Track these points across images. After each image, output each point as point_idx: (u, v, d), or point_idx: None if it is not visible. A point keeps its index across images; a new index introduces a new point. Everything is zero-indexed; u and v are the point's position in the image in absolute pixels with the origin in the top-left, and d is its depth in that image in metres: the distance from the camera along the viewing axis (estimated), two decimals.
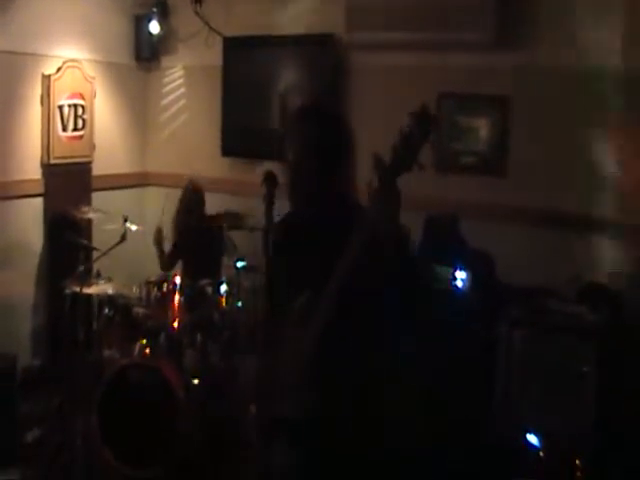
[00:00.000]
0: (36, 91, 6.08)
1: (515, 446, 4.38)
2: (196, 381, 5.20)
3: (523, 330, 4.67)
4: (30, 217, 6.09)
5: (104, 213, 5.60)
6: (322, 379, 2.69)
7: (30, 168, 6.08)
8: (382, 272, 2.57)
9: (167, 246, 5.97)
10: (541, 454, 4.30)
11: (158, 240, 5.85)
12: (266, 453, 2.93)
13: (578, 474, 4.12)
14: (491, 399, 4.65)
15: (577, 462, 4.15)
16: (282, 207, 3.47)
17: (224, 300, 5.45)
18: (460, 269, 4.84)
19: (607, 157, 5.06)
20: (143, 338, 5.22)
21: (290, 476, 2.86)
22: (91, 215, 5.68)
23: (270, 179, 3.28)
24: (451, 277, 4.84)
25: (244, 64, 6.52)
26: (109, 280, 5.38)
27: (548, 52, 5.31)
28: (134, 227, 5.43)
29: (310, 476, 2.82)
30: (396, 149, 2.49)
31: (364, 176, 2.71)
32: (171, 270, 5.88)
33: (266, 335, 3.14)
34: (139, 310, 5.36)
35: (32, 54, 6.02)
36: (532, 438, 4.38)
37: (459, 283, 4.83)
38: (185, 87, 7.03)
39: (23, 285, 6.09)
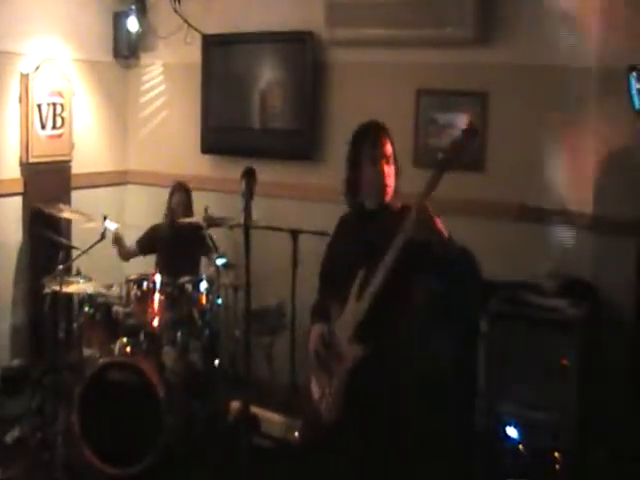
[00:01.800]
0: (14, 90, 6.05)
1: (495, 439, 4.40)
2: (177, 379, 5.19)
3: (504, 324, 4.69)
4: (9, 216, 6.06)
5: (82, 214, 5.57)
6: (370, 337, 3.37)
7: (9, 167, 6.04)
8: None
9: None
10: (520, 447, 4.33)
11: (116, 241, 5.85)
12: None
13: (557, 467, 4.14)
14: (472, 393, 4.66)
15: (556, 455, 4.17)
16: (260, 203, 3.49)
17: (204, 298, 5.45)
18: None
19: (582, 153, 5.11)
20: (123, 336, 5.20)
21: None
22: (70, 214, 5.66)
23: (249, 175, 3.32)
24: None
25: (223, 61, 6.51)
26: (89, 279, 5.38)
27: (527, 50, 5.33)
28: (113, 225, 5.41)
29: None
30: (447, 151, 3.35)
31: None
32: (128, 261, 6.04)
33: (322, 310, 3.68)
34: (119, 309, 5.34)
35: (10, 52, 5.98)
36: (512, 431, 4.40)
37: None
38: (164, 84, 6.99)
39: (3, 284, 6.06)
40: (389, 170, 3.52)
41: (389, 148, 3.53)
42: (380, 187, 3.51)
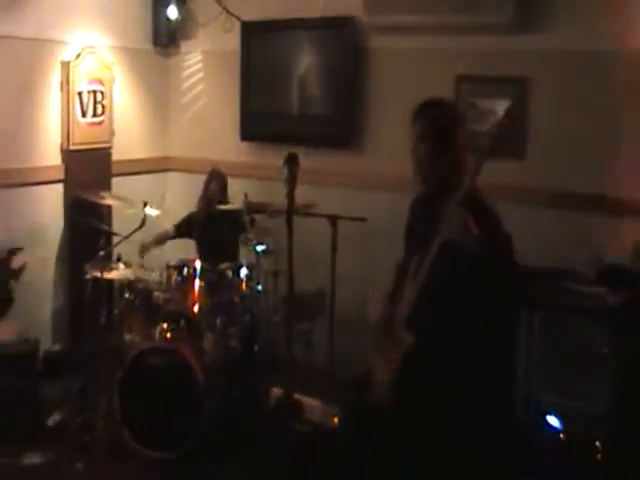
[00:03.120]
0: (55, 78, 6.10)
1: (536, 428, 4.37)
2: (216, 364, 5.21)
3: (543, 312, 4.65)
4: (50, 203, 6.13)
5: (123, 201, 5.61)
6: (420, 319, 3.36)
7: (50, 154, 6.11)
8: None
9: None
10: (561, 436, 4.29)
11: (141, 254, 5.92)
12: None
13: (597, 456, 4.10)
14: (512, 381, 4.63)
15: (596, 444, 4.13)
16: (300, 190, 3.49)
17: (244, 284, 5.46)
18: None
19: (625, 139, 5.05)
20: (163, 322, 5.24)
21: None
22: (110, 201, 5.70)
23: (292, 161, 3.32)
24: None
25: (262, 48, 6.50)
26: (129, 265, 5.41)
27: (566, 34, 5.26)
28: (154, 212, 5.44)
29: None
30: (493, 137, 3.34)
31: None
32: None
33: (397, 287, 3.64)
34: (159, 294, 5.38)
35: (51, 41, 6.03)
36: (552, 420, 4.36)
37: None
38: (204, 72, 7.02)
39: (44, 270, 6.13)
40: (426, 150, 3.40)
41: (428, 126, 3.40)
42: (419, 169, 3.44)
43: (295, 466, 4.41)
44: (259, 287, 5.61)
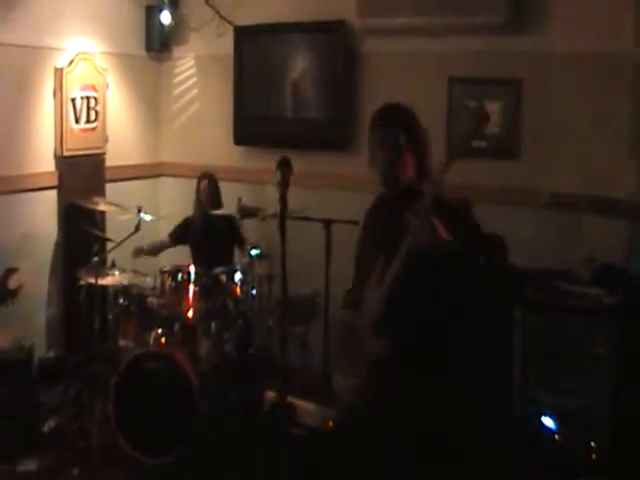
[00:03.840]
0: (49, 84, 6.09)
1: (531, 429, 4.36)
2: (211, 369, 5.21)
3: (538, 312, 4.64)
4: (44, 209, 6.12)
5: (116, 206, 5.61)
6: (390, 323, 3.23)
7: (44, 160, 6.10)
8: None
9: None
10: (557, 437, 4.29)
11: (135, 256, 5.92)
12: None
13: (593, 456, 4.10)
14: (507, 382, 4.62)
15: (592, 445, 4.13)
16: (294, 193, 3.48)
17: (238, 288, 5.46)
18: None
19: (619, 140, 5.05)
20: (158, 327, 5.26)
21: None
22: (104, 207, 5.70)
23: (284, 165, 3.32)
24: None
25: (255, 52, 6.52)
26: (123, 270, 5.41)
27: (559, 35, 5.27)
28: (148, 217, 5.44)
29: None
30: (457, 140, 3.25)
31: None
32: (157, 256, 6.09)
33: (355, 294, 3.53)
34: (154, 300, 5.40)
35: (44, 47, 6.03)
36: (548, 421, 4.36)
37: None
38: (197, 77, 7.02)
39: (38, 276, 6.11)
40: (386, 156, 3.31)
41: (394, 134, 3.30)
42: (386, 173, 3.33)
43: (290, 469, 4.40)
44: (253, 291, 5.61)
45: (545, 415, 4.37)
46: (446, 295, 3.28)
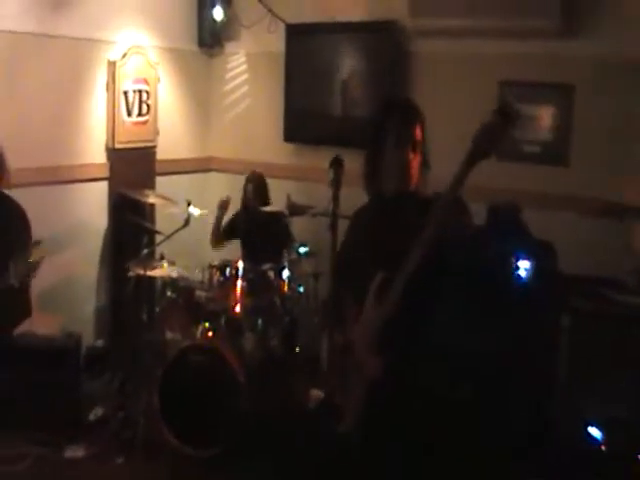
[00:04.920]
0: (101, 77, 6.18)
1: (577, 439, 4.33)
2: (256, 364, 5.25)
3: (586, 320, 4.62)
4: (95, 200, 6.21)
5: (166, 199, 5.66)
6: (393, 348, 2.95)
7: (95, 152, 6.18)
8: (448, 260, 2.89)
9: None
10: (603, 448, 4.26)
11: (222, 207, 6.01)
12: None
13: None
14: (553, 391, 4.61)
15: (639, 457, 4.10)
16: (347, 193, 3.50)
17: (285, 285, 5.49)
18: (523, 258, 4.81)
19: None
20: (205, 321, 5.28)
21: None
22: (154, 200, 5.76)
23: (337, 164, 3.31)
24: (514, 267, 4.81)
25: (306, 50, 6.54)
26: (172, 263, 5.46)
27: (613, 41, 5.23)
28: (197, 212, 5.48)
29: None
30: (477, 140, 2.76)
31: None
32: (219, 248, 6.12)
33: (339, 312, 3.31)
34: (201, 293, 5.43)
35: (97, 40, 6.11)
36: (594, 431, 4.33)
37: (522, 272, 4.80)
38: (248, 73, 7.07)
39: (88, 266, 6.21)
40: (414, 158, 3.04)
41: (418, 133, 3.04)
42: (401, 175, 3.04)
43: (332, 468, 4.42)
44: (301, 289, 5.63)
45: (592, 425, 4.34)
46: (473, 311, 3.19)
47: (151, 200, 5.74)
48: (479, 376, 4.44)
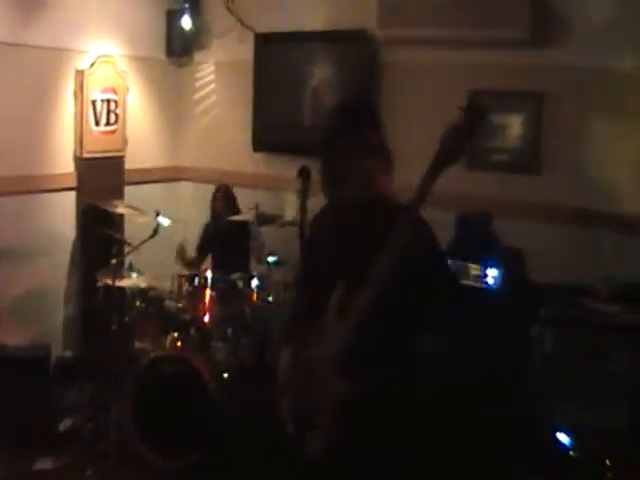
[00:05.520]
0: (69, 86, 6.14)
1: (545, 445, 4.36)
2: (226, 374, 5.23)
3: (556, 328, 4.65)
4: (63, 210, 6.16)
5: (135, 209, 5.64)
6: (357, 368, 2.72)
7: (63, 162, 6.14)
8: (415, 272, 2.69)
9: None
10: (572, 453, 4.29)
11: (181, 257, 5.96)
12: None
13: (609, 475, 4.10)
14: (522, 397, 4.63)
15: (608, 462, 4.13)
16: (315, 202, 3.50)
17: (255, 294, 5.49)
18: (492, 267, 4.84)
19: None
20: (174, 331, 5.28)
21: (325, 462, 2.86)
22: (122, 210, 5.73)
23: (305, 174, 3.28)
24: (483, 275, 4.84)
25: (276, 60, 6.54)
26: (141, 273, 5.45)
27: (582, 50, 5.28)
28: (166, 221, 5.47)
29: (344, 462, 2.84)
30: (445, 141, 2.62)
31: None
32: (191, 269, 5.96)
33: (297, 327, 3.11)
34: (171, 303, 5.44)
35: (65, 49, 6.07)
36: (563, 437, 4.36)
37: (491, 281, 4.83)
38: (217, 82, 7.06)
39: (56, 277, 6.16)
40: (371, 164, 2.87)
41: (372, 137, 2.89)
42: (357, 182, 2.87)
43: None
44: (270, 298, 5.63)
45: (560, 431, 4.37)
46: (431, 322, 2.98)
47: (120, 210, 5.71)
48: (451, 389, 4.47)
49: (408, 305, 2.74)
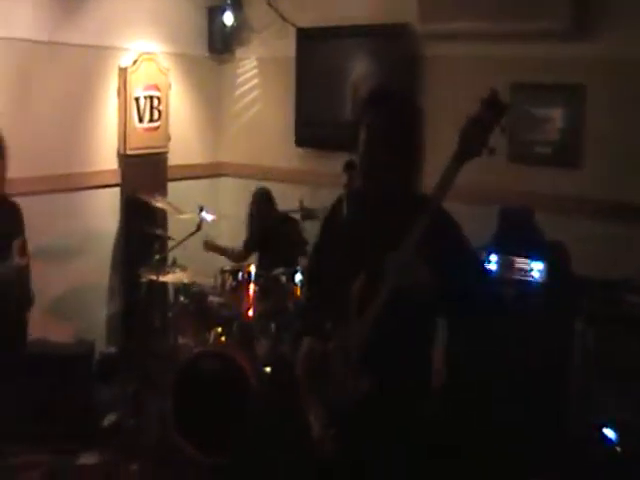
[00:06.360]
0: (113, 83, 6.20)
1: (591, 440, 4.32)
2: (268, 370, 5.23)
3: (599, 322, 4.60)
4: (107, 206, 6.22)
5: (177, 205, 5.68)
6: (378, 363, 2.64)
7: (107, 158, 6.20)
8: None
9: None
10: (617, 449, 4.24)
11: (210, 248, 5.97)
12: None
13: None
14: (566, 393, 4.59)
15: None
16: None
17: (298, 289, 5.46)
18: (537, 260, 4.80)
19: None
20: (217, 326, 5.28)
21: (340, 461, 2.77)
22: (166, 205, 5.76)
23: (351, 167, 3.26)
24: (528, 268, 4.80)
25: (317, 55, 6.52)
26: (184, 269, 5.46)
27: (624, 42, 5.20)
28: (209, 217, 5.48)
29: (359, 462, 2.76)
30: (464, 134, 2.53)
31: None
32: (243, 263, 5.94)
33: (314, 318, 2.98)
34: (214, 299, 5.42)
35: (109, 47, 6.14)
36: (609, 432, 4.31)
37: (536, 274, 4.79)
38: (259, 78, 7.06)
39: (100, 273, 6.22)
40: (390, 155, 2.67)
41: (396, 127, 2.71)
42: (377, 173, 2.70)
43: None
44: None
45: (606, 427, 4.32)
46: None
47: (162, 206, 5.75)
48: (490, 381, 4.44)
49: (429, 300, 2.59)
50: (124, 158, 6.26)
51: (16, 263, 4.00)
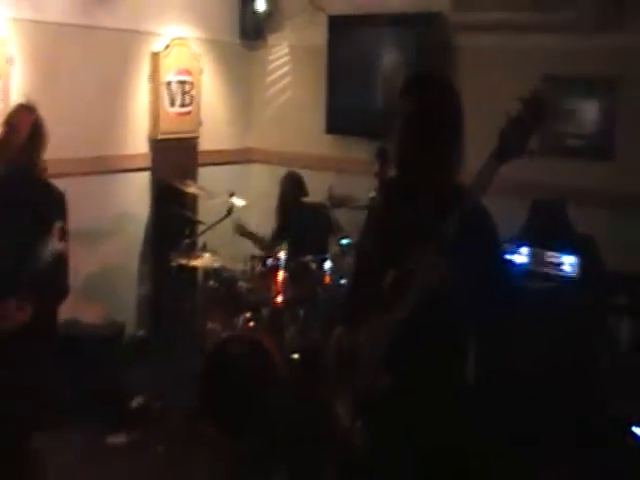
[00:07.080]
0: (145, 68, 6.23)
1: (621, 438, 4.30)
2: (296, 356, 5.25)
3: (630, 317, 4.58)
4: (138, 190, 6.26)
5: (206, 191, 5.71)
6: (400, 362, 2.59)
7: (138, 143, 6.24)
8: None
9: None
10: None
11: (241, 232, 5.97)
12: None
13: None
14: (596, 389, 4.57)
15: None
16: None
17: (327, 277, 5.48)
18: (569, 254, 4.78)
19: None
20: (246, 312, 5.30)
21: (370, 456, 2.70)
22: (196, 190, 5.79)
23: (383, 155, 3.25)
24: (559, 262, 4.79)
25: (349, 43, 6.51)
26: (214, 253, 5.48)
27: None
28: (240, 202, 5.50)
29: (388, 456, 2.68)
30: (505, 134, 2.43)
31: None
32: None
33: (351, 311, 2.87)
34: (243, 284, 5.44)
35: (141, 32, 6.17)
36: (638, 430, 4.29)
37: (567, 268, 4.78)
38: (290, 65, 7.08)
39: (130, 256, 6.27)
40: (426, 142, 2.57)
41: (434, 108, 2.59)
42: (410, 162, 2.61)
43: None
44: (342, 280, 5.61)
45: (635, 425, 4.30)
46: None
47: (193, 190, 5.78)
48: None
49: (459, 298, 2.50)
50: (155, 142, 6.29)
51: (54, 247, 4.01)
